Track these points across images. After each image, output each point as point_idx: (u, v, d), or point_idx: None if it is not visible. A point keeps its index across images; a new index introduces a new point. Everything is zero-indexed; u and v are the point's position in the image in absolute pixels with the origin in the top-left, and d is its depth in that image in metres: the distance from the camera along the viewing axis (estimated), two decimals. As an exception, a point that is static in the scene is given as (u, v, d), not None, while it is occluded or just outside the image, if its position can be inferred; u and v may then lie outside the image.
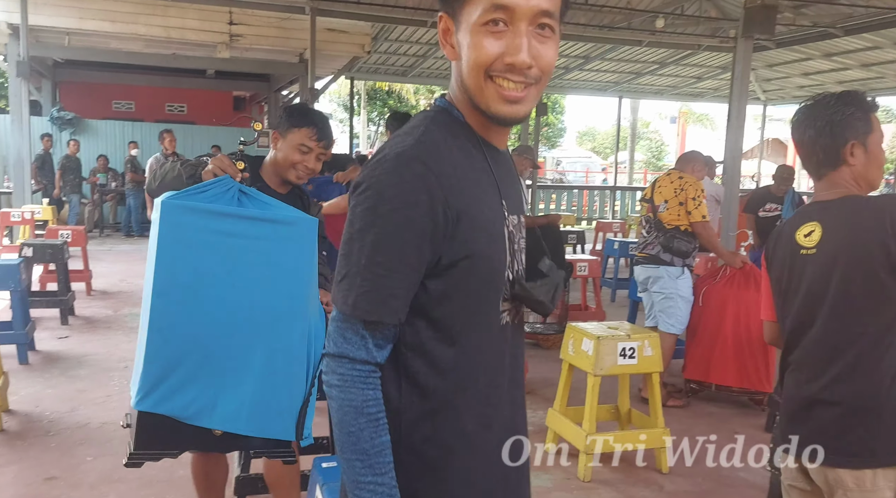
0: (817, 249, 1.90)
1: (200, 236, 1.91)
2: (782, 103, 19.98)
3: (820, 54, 14.49)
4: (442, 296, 1.12)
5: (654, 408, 3.75)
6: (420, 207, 1.06)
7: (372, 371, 1.10)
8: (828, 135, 1.89)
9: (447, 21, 1.16)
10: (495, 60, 1.09)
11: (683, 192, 4.58)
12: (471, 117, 1.18)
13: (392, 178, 1.08)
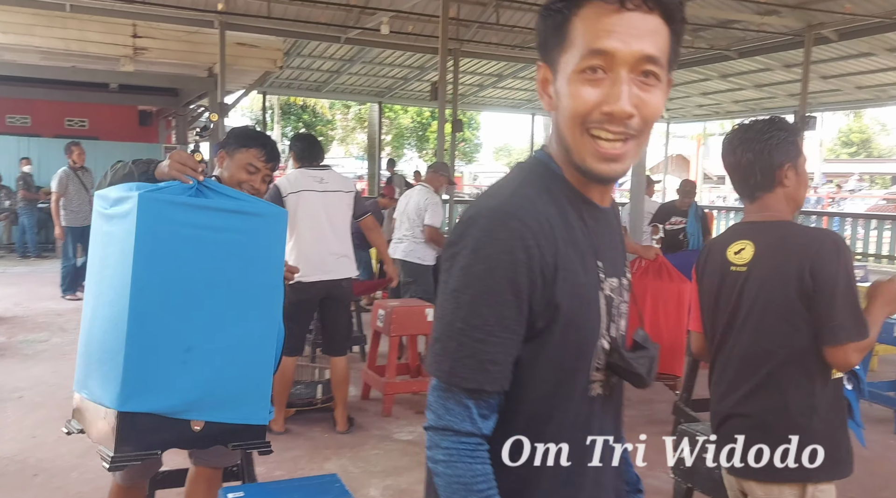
0: (748, 267, 1.98)
1: (178, 230, 1.89)
2: (684, 121, 20.99)
3: (717, 75, 15.32)
4: (525, 363, 1.05)
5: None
6: (518, 266, 1.00)
7: (479, 444, 1.02)
8: (766, 158, 1.98)
9: (546, 70, 1.10)
10: (593, 110, 1.02)
11: None
12: (569, 172, 1.10)
13: (487, 235, 1.01)
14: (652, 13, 1.02)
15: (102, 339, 1.94)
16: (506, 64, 15.08)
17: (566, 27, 1.05)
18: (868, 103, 17.19)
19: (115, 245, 1.94)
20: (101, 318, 1.96)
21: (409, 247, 5.81)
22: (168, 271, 1.89)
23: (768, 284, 1.93)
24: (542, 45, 1.11)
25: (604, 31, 1.01)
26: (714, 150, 44.97)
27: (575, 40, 1.04)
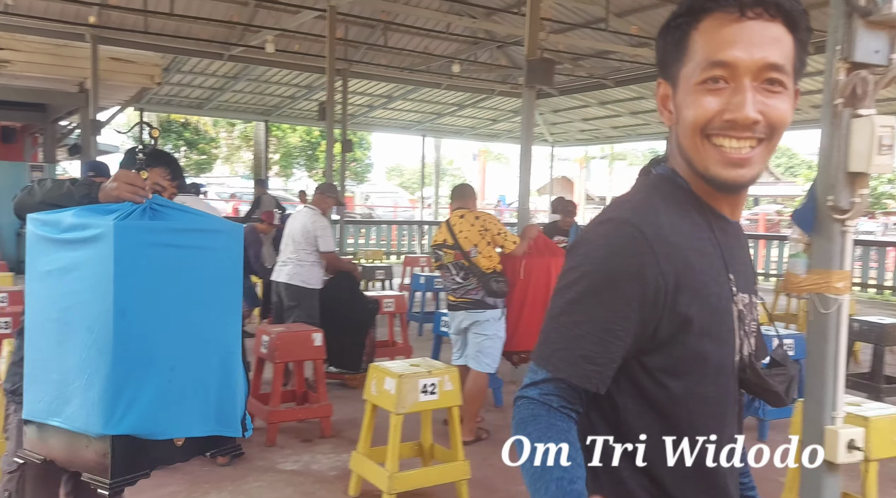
0: None
1: (153, 252, 1.93)
2: (567, 145, 21.84)
3: (596, 102, 16.08)
4: (663, 372, 1.04)
5: (455, 441, 3.83)
6: (630, 274, 1.00)
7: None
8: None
9: (665, 86, 1.10)
10: (714, 117, 1.01)
11: (487, 231, 4.72)
12: (696, 184, 1.09)
13: (602, 240, 1.03)
14: (774, 21, 1.00)
15: (83, 365, 1.92)
16: (395, 85, 15.17)
17: (686, 41, 1.04)
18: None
19: (82, 271, 1.93)
20: (78, 345, 1.93)
21: (293, 270, 5.66)
22: (147, 294, 1.93)
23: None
24: (661, 61, 1.11)
25: (725, 41, 1.00)
26: (595, 172, 47.24)
27: (695, 53, 1.03)
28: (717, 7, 1.01)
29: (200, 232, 2.05)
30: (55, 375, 1.97)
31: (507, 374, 6.45)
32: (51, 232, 1.99)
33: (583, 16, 11.48)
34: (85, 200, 2.05)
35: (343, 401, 5.54)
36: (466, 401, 4.62)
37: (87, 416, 1.89)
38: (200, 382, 2.02)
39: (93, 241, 1.90)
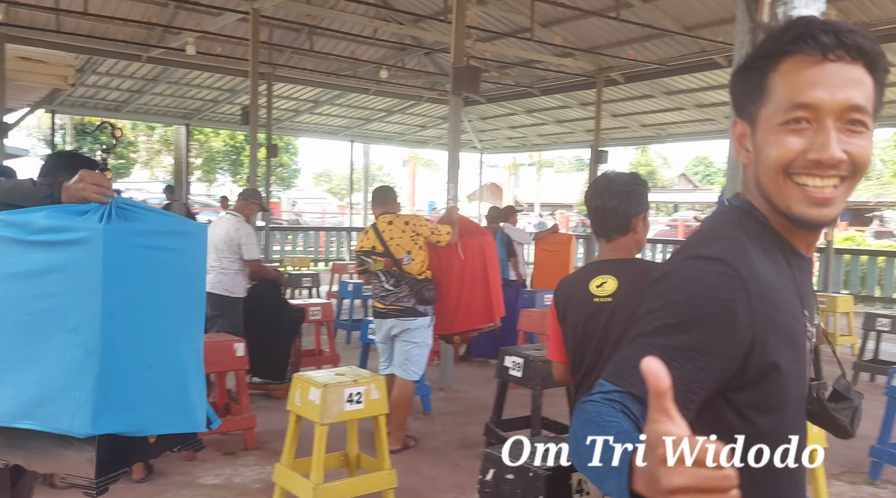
0: (613, 298, 2.23)
1: (136, 255, 1.98)
2: (496, 152, 22.13)
3: (523, 110, 16.35)
4: (751, 409, 1.04)
5: (381, 451, 3.80)
6: (720, 308, 0.99)
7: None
8: (626, 206, 2.29)
9: (742, 125, 1.10)
10: (797, 157, 1.02)
11: (419, 235, 4.69)
12: (774, 220, 1.10)
13: (694, 274, 1.03)
14: (855, 63, 1.02)
15: (66, 367, 1.93)
16: (322, 90, 15.02)
17: (765, 83, 1.06)
18: (651, 140, 19.20)
19: (63, 273, 1.94)
20: (58, 346, 1.94)
21: (216, 278, 5.51)
22: (131, 296, 1.98)
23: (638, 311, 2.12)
24: (738, 101, 1.11)
25: (807, 83, 1.01)
26: (524, 179, 47.96)
27: (776, 95, 1.04)
28: (798, 50, 1.03)
29: (174, 234, 2.11)
30: (25, 377, 1.95)
31: (435, 380, 6.46)
32: (19, 234, 1.97)
33: (509, 25, 11.66)
34: (48, 201, 2.03)
35: (268, 412, 5.42)
36: (393, 409, 4.59)
37: (73, 416, 1.91)
38: (175, 379, 2.09)
39: (76, 244, 1.92)
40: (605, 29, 11.00)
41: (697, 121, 14.44)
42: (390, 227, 4.72)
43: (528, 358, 4.53)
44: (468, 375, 7.18)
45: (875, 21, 9.20)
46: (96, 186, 1.94)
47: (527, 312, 6.73)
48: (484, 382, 6.59)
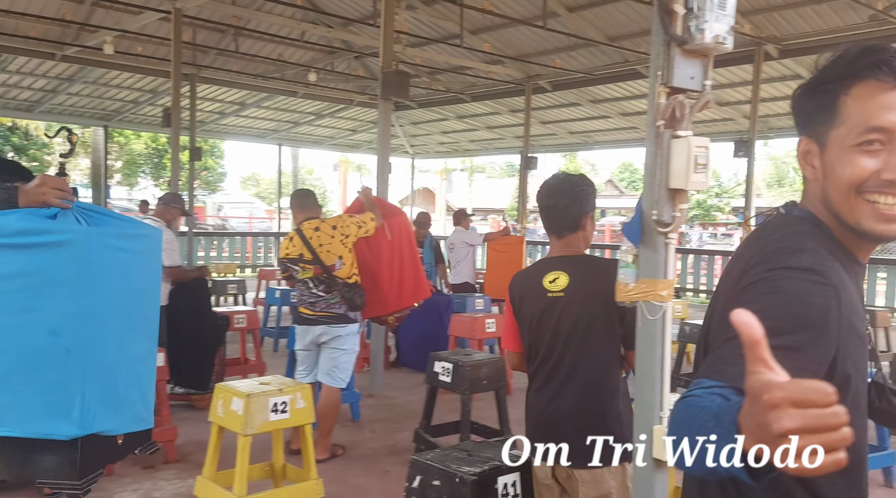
0: (565, 292, 2.42)
1: (113, 257, 2.04)
2: (427, 157, 22.16)
3: (454, 116, 16.44)
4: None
5: (307, 460, 3.73)
6: (816, 314, 1.04)
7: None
8: (578, 205, 2.48)
9: (808, 143, 1.17)
10: (870, 177, 1.08)
11: (348, 238, 4.62)
12: (838, 231, 1.17)
13: (788, 282, 1.06)
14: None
15: (48, 368, 1.93)
16: (248, 92, 14.72)
17: (836, 105, 1.11)
18: (579, 147, 19.63)
19: (41, 275, 1.95)
20: (38, 349, 1.94)
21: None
22: (108, 297, 2.02)
23: (590, 304, 2.41)
24: (805, 121, 1.18)
25: (881, 108, 1.07)
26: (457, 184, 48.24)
27: (848, 117, 1.10)
28: (871, 76, 1.09)
29: (136, 237, 2.18)
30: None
31: (365, 387, 6.40)
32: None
33: (439, 31, 11.70)
34: (5, 205, 2.01)
35: (190, 423, 5.25)
36: (320, 418, 4.52)
37: (55, 419, 1.93)
38: (138, 378, 2.16)
39: (56, 246, 1.95)
40: (532, 37, 11.18)
41: (622, 129, 14.85)
42: (318, 233, 4.62)
43: (458, 363, 4.54)
44: (398, 380, 7.15)
45: (786, 36, 9.68)
46: (58, 191, 1.96)
47: (457, 317, 6.76)
48: (414, 388, 6.57)
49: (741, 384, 0.92)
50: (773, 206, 1.81)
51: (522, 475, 2.75)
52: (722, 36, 2.26)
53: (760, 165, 35.98)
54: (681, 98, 2.33)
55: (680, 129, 2.36)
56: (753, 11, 9.31)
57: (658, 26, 2.30)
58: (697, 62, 2.35)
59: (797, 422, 0.70)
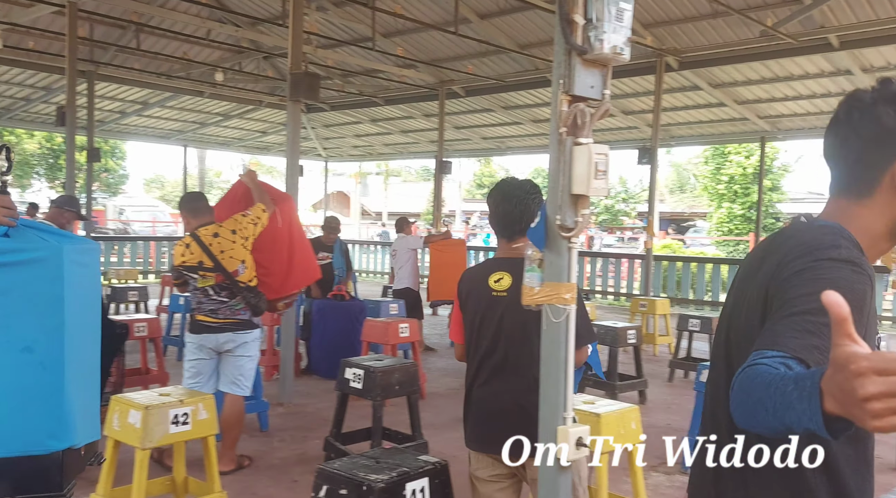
0: (508, 292, 2.60)
1: (78, 272, 2.11)
2: (341, 160, 21.93)
3: (368, 119, 16.35)
4: None
5: (211, 473, 3.60)
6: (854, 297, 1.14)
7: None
8: (529, 210, 2.65)
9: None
10: None
11: (247, 239, 4.47)
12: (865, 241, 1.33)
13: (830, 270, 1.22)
14: None
15: (20, 387, 1.97)
16: (151, 91, 14.14)
17: None
18: (492, 152, 19.95)
19: (17, 292, 1.99)
20: (10, 366, 1.96)
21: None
22: (75, 312, 2.09)
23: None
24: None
25: None
26: (372, 188, 47.98)
27: None
28: None
29: (87, 251, 2.22)
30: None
31: (274, 396, 6.25)
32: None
33: (350, 33, 11.61)
34: None
35: (85, 439, 4.96)
36: (225, 428, 4.38)
37: (33, 434, 1.96)
38: (96, 388, 2.23)
39: (28, 264, 2.00)
40: (445, 43, 11.27)
41: (534, 135, 15.17)
42: (218, 239, 4.40)
43: (369, 369, 4.50)
44: (310, 388, 7.02)
45: (685, 48, 10.16)
46: (6, 210, 1.98)
47: (370, 322, 6.70)
48: (325, 395, 6.46)
49: (799, 354, 1.13)
50: (673, 210, 1.93)
51: (431, 481, 2.74)
52: (619, 47, 2.33)
53: (664, 172, 37.63)
54: (582, 106, 2.39)
55: (581, 136, 2.42)
56: (655, 24, 9.72)
57: (560, 36, 2.36)
58: (597, 72, 2.42)
59: (880, 388, 0.83)
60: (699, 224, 33.88)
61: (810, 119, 12.32)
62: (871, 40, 9.00)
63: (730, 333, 1.43)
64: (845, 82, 10.62)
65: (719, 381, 1.46)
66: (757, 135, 13.39)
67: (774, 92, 11.52)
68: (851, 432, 0.96)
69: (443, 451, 5.02)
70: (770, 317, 1.26)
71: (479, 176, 46.01)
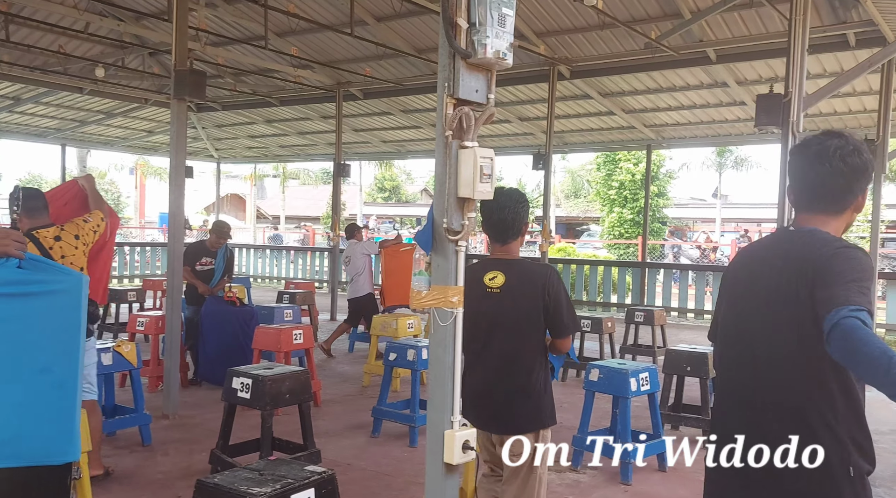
0: (501, 289, 2.98)
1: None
2: (235, 161, 21.23)
3: (262, 120, 15.91)
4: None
5: (84, 490, 3.34)
6: (871, 271, 1.82)
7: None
8: (521, 217, 3.05)
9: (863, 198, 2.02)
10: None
11: (87, 246, 4.11)
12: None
13: (854, 253, 1.82)
14: None
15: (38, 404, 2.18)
16: (24, 86, 13.17)
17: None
18: (393, 155, 19.92)
19: (30, 320, 2.19)
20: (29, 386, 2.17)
21: None
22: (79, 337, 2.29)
23: (522, 300, 2.97)
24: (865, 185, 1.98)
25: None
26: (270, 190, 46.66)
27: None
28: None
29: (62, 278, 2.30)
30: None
31: (158, 408, 5.94)
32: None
33: (243, 32, 11.26)
34: None
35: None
36: (94, 436, 4.09)
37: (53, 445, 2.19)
38: (78, 405, 2.31)
39: (51, 294, 2.22)
40: (341, 44, 11.13)
41: (433, 139, 15.12)
42: (60, 243, 4.00)
43: (258, 378, 4.35)
44: (198, 399, 6.73)
45: (575, 58, 10.49)
46: (17, 243, 2.15)
47: (262, 329, 6.51)
48: (215, 406, 6.20)
49: (867, 307, 1.65)
50: (582, 216, 2.05)
51: (318, 492, 2.67)
52: (503, 51, 2.35)
53: (559, 178, 38.76)
54: (467, 110, 2.39)
55: (467, 139, 2.43)
56: (547, 34, 9.99)
57: (444, 39, 2.35)
58: (481, 76, 2.43)
59: None
60: (592, 228, 35.13)
61: (692, 128, 13.03)
62: (745, 55, 9.62)
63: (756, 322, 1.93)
64: (722, 94, 11.30)
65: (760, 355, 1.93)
66: (644, 143, 14.02)
67: (659, 102, 12.10)
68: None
69: (337, 459, 4.93)
70: (822, 288, 1.74)
71: (380, 179, 45.83)
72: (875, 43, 8.36)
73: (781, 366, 1.84)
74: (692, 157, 34.80)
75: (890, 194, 26.79)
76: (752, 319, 1.93)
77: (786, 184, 2.43)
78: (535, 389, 2.99)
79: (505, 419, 2.98)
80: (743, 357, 1.96)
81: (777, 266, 1.89)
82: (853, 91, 10.61)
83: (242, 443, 4.68)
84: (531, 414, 2.99)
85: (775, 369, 1.86)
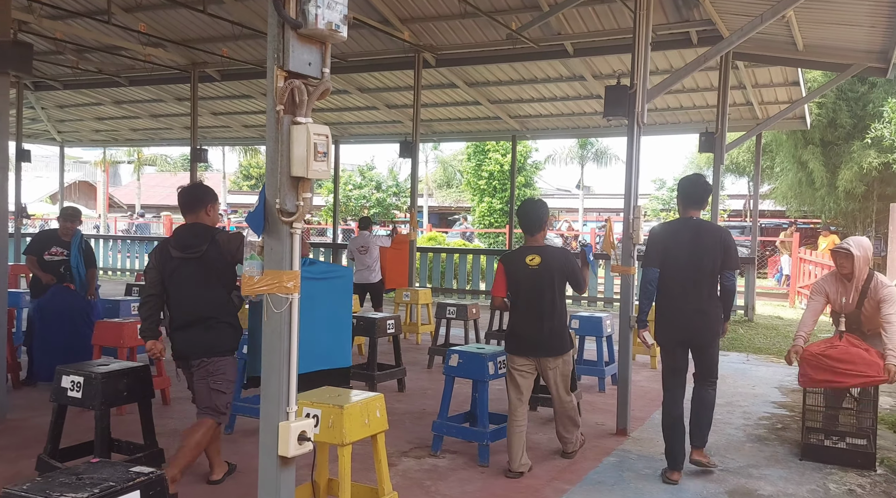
0: (539, 266, 4.52)
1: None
2: (81, 145, 19.70)
3: (110, 100, 14.81)
4: None
5: None
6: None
7: None
8: (543, 217, 4.67)
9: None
10: None
11: None
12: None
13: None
14: None
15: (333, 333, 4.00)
16: None
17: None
18: (256, 141, 19.17)
19: (333, 292, 3.98)
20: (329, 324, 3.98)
21: None
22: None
23: (552, 273, 4.53)
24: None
25: None
26: (125, 178, 43.68)
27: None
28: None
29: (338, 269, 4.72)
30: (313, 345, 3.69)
31: None
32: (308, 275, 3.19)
33: (84, 5, 10.38)
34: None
35: None
36: None
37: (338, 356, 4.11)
38: (349, 338, 4.06)
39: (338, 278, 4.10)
40: (195, 22, 10.52)
41: (296, 125, 14.78)
42: None
43: (90, 375, 4.01)
44: (33, 400, 6.15)
45: (440, 46, 10.52)
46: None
47: (102, 323, 6.02)
48: (50, 407, 5.68)
49: (738, 267, 4.49)
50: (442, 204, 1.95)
51: (143, 494, 2.47)
52: (336, 23, 2.25)
53: (431, 167, 39.05)
54: (298, 83, 2.28)
55: (300, 115, 2.31)
56: (411, 20, 9.93)
57: (272, 8, 2.22)
58: (315, 48, 2.32)
59: None
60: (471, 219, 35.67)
61: (553, 120, 13.47)
62: (599, 49, 10.03)
63: (703, 262, 4.41)
64: (580, 87, 11.75)
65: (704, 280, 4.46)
66: (509, 133, 14.35)
67: (522, 93, 12.40)
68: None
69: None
70: (726, 258, 4.39)
71: (245, 166, 44.11)
72: (715, 41, 8.94)
73: (708, 274, 4.43)
74: (557, 148, 36.21)
75: (730, 185, 29.18)
76: (697, 257, 4.41)
77: (633, 172, 5.45)
78: (565, 328, 4.68)
79: (553, 346, 4.57)
80: (689, 271, 4.44)
81: (701, 234, 4.45)
82: (696, 87, 11.36)
83: (76, 446, 4.31)
84: (566, 343, 4.64)
85: (705, 276, 4.43)
